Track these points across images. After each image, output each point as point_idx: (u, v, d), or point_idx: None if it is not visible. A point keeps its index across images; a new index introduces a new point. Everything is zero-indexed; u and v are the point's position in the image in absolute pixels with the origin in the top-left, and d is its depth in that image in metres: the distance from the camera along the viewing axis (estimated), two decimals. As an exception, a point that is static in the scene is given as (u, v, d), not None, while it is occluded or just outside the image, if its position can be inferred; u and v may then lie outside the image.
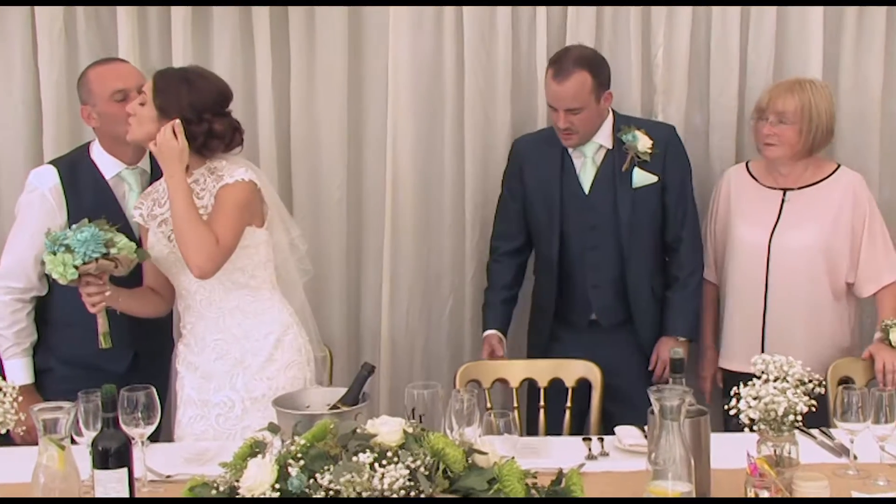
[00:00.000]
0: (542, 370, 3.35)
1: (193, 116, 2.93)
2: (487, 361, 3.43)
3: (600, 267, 3.50)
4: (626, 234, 3.46)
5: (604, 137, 3.48)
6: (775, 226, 3.40)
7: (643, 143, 3.45)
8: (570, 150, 3.49)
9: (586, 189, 3.49)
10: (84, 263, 2.78)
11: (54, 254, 2.78)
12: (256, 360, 3.00)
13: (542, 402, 3.32)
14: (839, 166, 3.49)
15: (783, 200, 3.43)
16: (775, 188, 3.46)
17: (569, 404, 3.30)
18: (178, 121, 2.91)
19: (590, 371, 3.33)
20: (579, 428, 3.32)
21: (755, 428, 2.30)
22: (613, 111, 3.52)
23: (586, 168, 3.50)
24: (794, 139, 3.35)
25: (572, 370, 3.34)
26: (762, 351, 3.34)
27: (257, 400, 2.97)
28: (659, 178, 3.46)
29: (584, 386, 3.32)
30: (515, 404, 3.28)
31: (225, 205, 2.92)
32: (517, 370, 3.37)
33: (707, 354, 3.60)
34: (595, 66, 3.39)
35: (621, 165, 3.45)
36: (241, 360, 3.00)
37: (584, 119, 3.38)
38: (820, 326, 3.43)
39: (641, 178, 3.46)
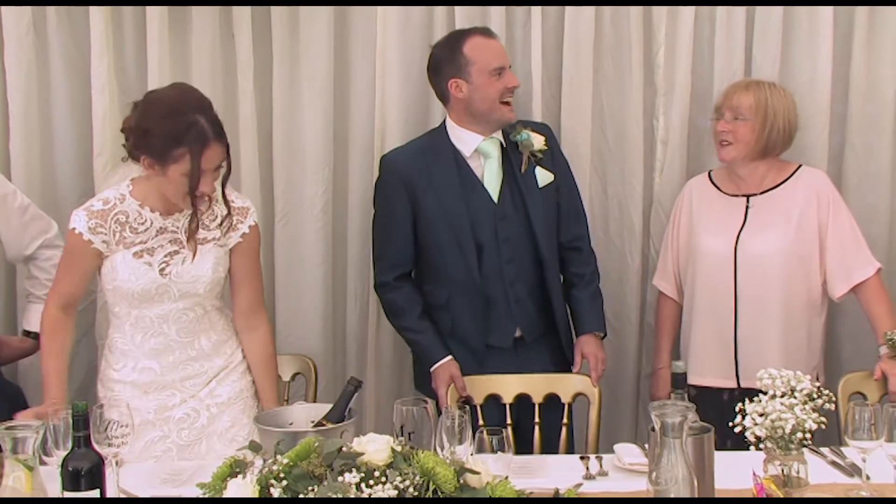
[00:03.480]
0: (538, 385, 3.35)
1: None
2: (479, 376, 3.40)
3: (519, 280, 3.43)
4: (542, 239, 3.42)
5: (499, 135, 3.44)
6: (740, 233, 3.42)
7: (538, 140, 3.43)
8: (465, 157, 3.40)
9: (495, 198, 3.40)
10: None
11: None
12: (223, 370, 3.06)
13: (536, 419, 3.31)
14: (800, 166, 3.50)
15: (747, 207, 3.45)
16: (738, 195, 3.47)
17: (565, 420, 3.31)
18: None
19: (587, 386, 3.35)
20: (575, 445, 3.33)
21: (762, 446, 2.31)
22: None
23: (490, 173, 3.41)
24: (749, 136, 3.38)
25: (569, 385, 3.35)
26: (735, 364, 3.40)
27: (223, 404, 3.01)
28: (555, 177, 3.47)
29: (580, 401, 3.34)
30: (509, 421, 3.27)
31: (257, 254, 3.11)
32: (511, 385, 3.36)
33: (663, 375, 3.58)
34: None
35: (519, 167, 3.41)
36: (216, 376, 3.03)
37: None
38: (796, 334, 3.43)
39: (544, 176, 3.44)
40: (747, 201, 3.45)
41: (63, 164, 3.81)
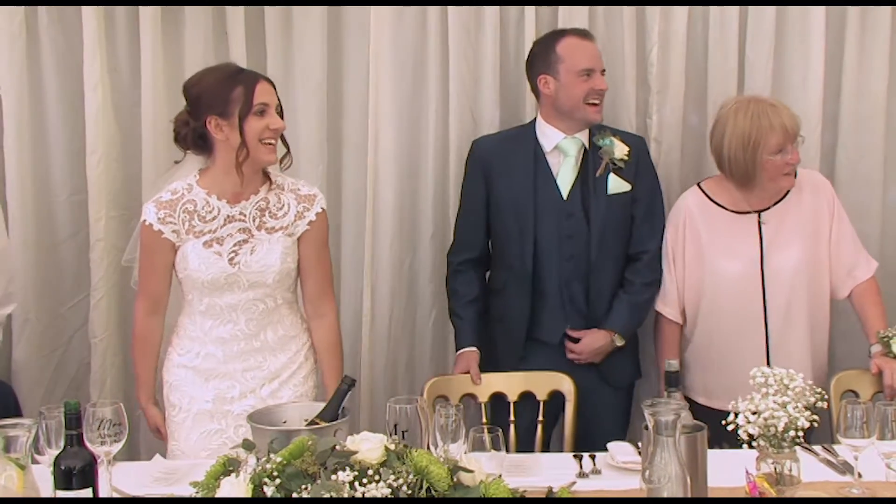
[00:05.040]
0: (513, 383, 3.35)
1: None
2: (455, 376, 3.41)
3: (576, 279, 3.46)
4: (595, 243, 3.44)
5: (584, 136, 3.48)
6: (762, 253, 3.36)
7: (620, 149, 3.46)
8: (545, 152, 3.47)
9: (564, 194, 3.46)
10: None
11: None
12: (287, 370, 3.06)
13: (511, 417, 3.30)
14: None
15: (760, 223, 3.38)
16: (747, 212, 3.39)
17: (541, 418, 3.31)
18: None
19: (562, 383, 3.33)
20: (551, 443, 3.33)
21: (754, 444, 2.31)
22: None
23: (565, 171, 3.46)
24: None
25: (543, 383, 3.34)
26: None
27: None
28: (632, 187, 3.47)
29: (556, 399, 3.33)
30: (485, 420, 3.26)
31: (325, 242, 3.11)
32: (485, 384, 3.35)
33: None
34: None
35: (595, 170, 3.44)
36: (277, 374, 3.04)
37: None
38: (820, 337, 3.44)
39: (617, 184, 3.45)
40: (759, 217, 3.38)
41: (55, 163, 3.80)
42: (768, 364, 3.30)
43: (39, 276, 3.79)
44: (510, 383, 3.35)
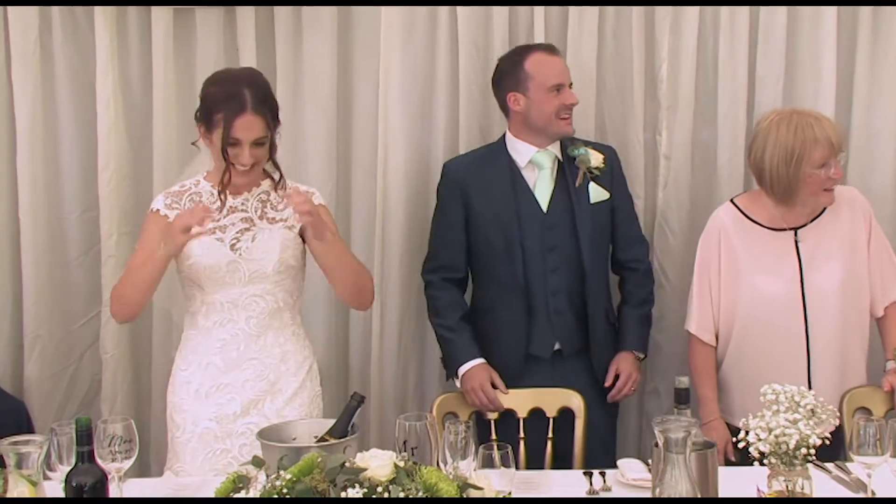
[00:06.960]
0: (522, 400, 3.34)
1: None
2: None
3: (561, 291, 3.45)
4: (587, 253, 3.44)
5: (556, 149, 3.49)
6: (801, 271, 3.28)
7: (595, 158, 3.48)
8: (520, 167, 3.47)
9: (544, 207, 3.46)
10: None
11: None
12: (290, 386, 3.06)
13: (521, 434, 3.30)
14: None
15: (796, 241, 3.30)
16: (783, 229, 3.30)
17: (550, 435, 3.30)
18: None
19: (571, 399, 3.32)
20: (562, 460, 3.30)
21: (765, 462, 2.30)
22: None
23: (542, 183, 3.47)
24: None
25: (553, 399, 3.33)
26: None
27: None
28: (611, 195, 3.50)
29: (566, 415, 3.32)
30: (494, 437, 3.25)
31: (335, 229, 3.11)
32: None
33: (717, 427, 3.33)
34: None
35: (573, 181, 3.46)
36: (275, 384, 3.04)
37: None
38: (860, 357, 3.36)
39: (597, 193, 3.47)
40: (795, 234, 3.30)
41: (68, 178, 3.83)
42: (809, 384, 3.22)
43: (51, 292, 3.81)
44: (519, 400, 3.34)
